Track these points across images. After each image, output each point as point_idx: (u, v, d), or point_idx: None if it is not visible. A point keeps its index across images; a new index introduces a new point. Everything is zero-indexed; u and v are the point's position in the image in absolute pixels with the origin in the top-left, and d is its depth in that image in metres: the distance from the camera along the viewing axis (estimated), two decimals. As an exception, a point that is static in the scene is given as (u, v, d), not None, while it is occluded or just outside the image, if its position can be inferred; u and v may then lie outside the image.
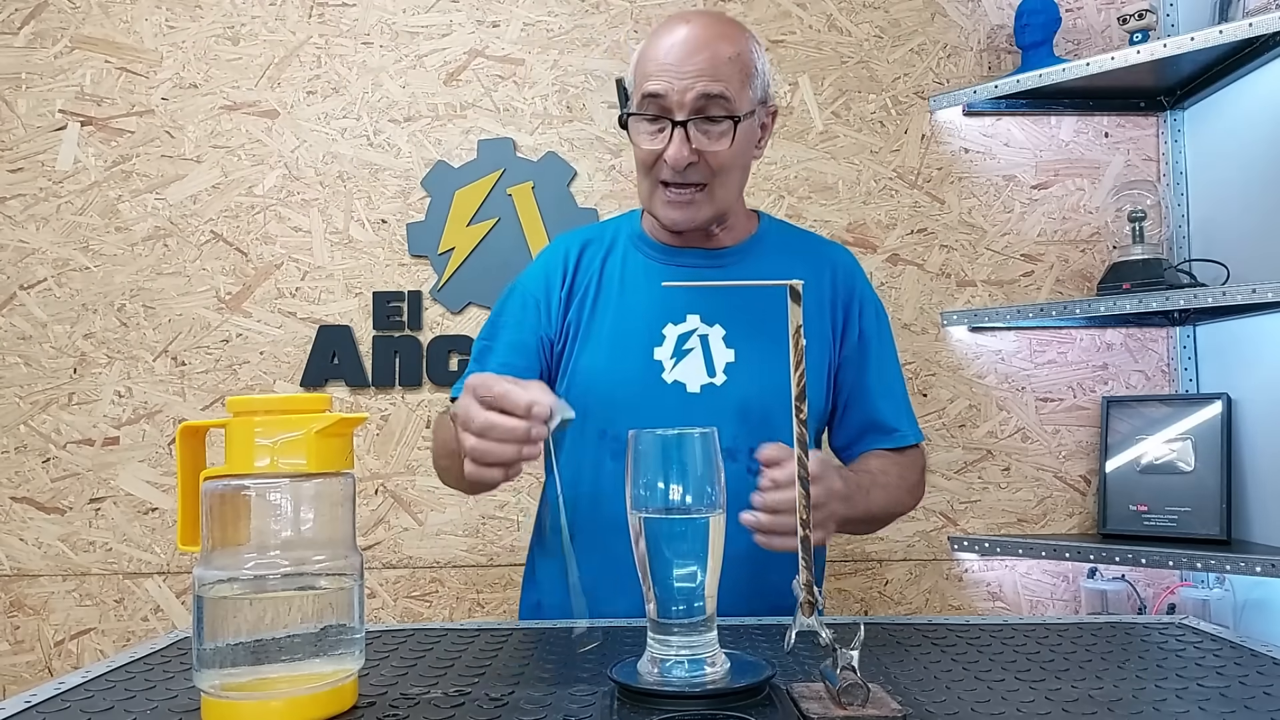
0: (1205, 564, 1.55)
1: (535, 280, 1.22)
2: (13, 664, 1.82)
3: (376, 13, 1.91)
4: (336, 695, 0.67)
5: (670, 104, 1.06)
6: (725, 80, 1.06)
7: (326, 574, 0.67)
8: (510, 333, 1.20)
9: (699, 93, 1.05)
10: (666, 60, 1.07)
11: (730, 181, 1.13)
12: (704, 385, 1.11)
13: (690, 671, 0.69)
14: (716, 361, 1.13)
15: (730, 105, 1.07)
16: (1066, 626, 0.92)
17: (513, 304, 1.22)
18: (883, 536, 1.87)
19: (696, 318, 1.15)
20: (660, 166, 1.09)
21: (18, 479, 1.84)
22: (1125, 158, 1.92)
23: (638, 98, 1.09)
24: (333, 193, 1.89)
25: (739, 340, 1.14)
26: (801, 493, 0.70)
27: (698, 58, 1.06)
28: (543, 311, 1.19)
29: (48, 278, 1.86)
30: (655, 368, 1.13)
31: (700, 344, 1.14)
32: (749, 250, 1.21)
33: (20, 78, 1.88)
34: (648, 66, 1.09)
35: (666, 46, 1.07)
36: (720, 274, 1.18)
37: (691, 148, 1.07)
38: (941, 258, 1.91)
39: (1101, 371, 1.90)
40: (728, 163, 1.10)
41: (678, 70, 1.06)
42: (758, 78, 1.11)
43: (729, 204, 1.16)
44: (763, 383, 1.11)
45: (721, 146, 1.08)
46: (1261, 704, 0.67)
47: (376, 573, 1.84)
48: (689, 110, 1.06)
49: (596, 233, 1.25)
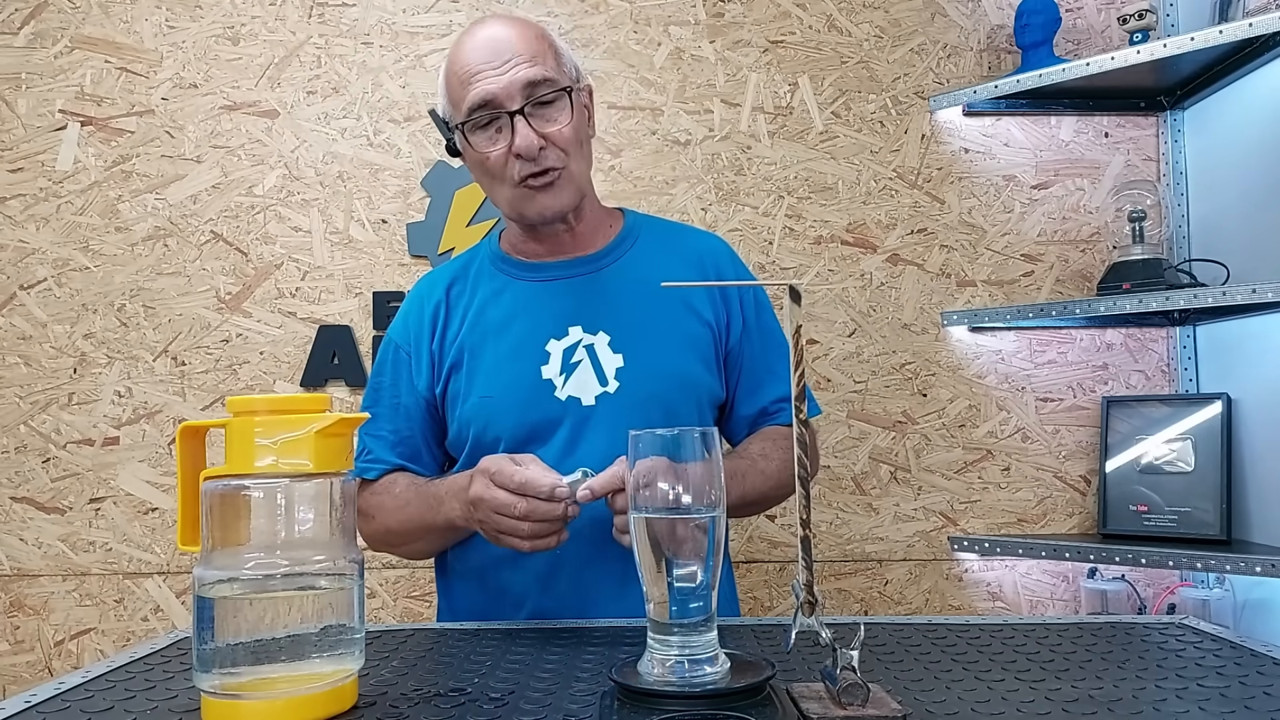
0: (1205, 564, 1.55)
1: (403, 334, 1.20)
2: (13, 664, 1.82)
3: (376, 13, 1.91)
4: (336, 695, 0.67)
5: (500, 101, 1.06)
6: (540, 60, 1.07)
7: (326, 574, 0.67)
8: (389, 397, 1.18)
9: (523, 80, 1.05)
10: (478, 63, 1.07)
11: (581, 158, 1.13)
12: (599, 395, 1.09)
13: (690, 671, 0.69)
14: (607, 369, 1.11)
15: (555, 82, 1.07)
16: (1066, 626, 0.92)
17: (388, 364, 1.20)
18: (882, 536, 1.87)
19: (578, 329, 1.12)
20: (512, 166, 1.08)
21: (18, 479, 1.84)
22: (1125, 158, 1.92)
23: (464, 111, 1.08)
24: (333, 193, 1.89)
25: (625, 343, 1.12)
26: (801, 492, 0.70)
27: (506, 50, 1.06)
28: (415, 366, 1.17)
29: (48, 278, 1.86)
30: (546, 387, 1.10)
31: (587, 354, 1.11)
32: (618, 249, 1.19)
33: (20, 78, 1.88)
34: (464, 76, 1.08)
35: (472, 53, 1.08)
36: (597, 278, 1.16)
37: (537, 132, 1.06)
38: (941, 258, 1.91)
39: (1101, 371, 1.90)
40: (572, 138, 1.09)
41: (495, 67, 1.06)
42: (565, 56, 1.13)
43: (586, 182, 1.15)
44: (657, 377, 1.11)
45: (563, 123, 1.08)
46: (1261, 704, 0.67)
47: (376, 573, 1.83)
48: (520, 99, 1.06)
49: (460, 267, 1.23)
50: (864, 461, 1.88)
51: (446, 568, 1.20)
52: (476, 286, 1.19)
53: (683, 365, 1.13)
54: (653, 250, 1.20)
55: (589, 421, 1.09)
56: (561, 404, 1.09)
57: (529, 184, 1.09)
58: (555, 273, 1.17)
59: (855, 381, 1.89)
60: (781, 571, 1.86)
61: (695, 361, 1.14)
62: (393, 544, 1.16)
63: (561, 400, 1.09)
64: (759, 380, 1.19)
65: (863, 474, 1.88)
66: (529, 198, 1.10)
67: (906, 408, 1.89)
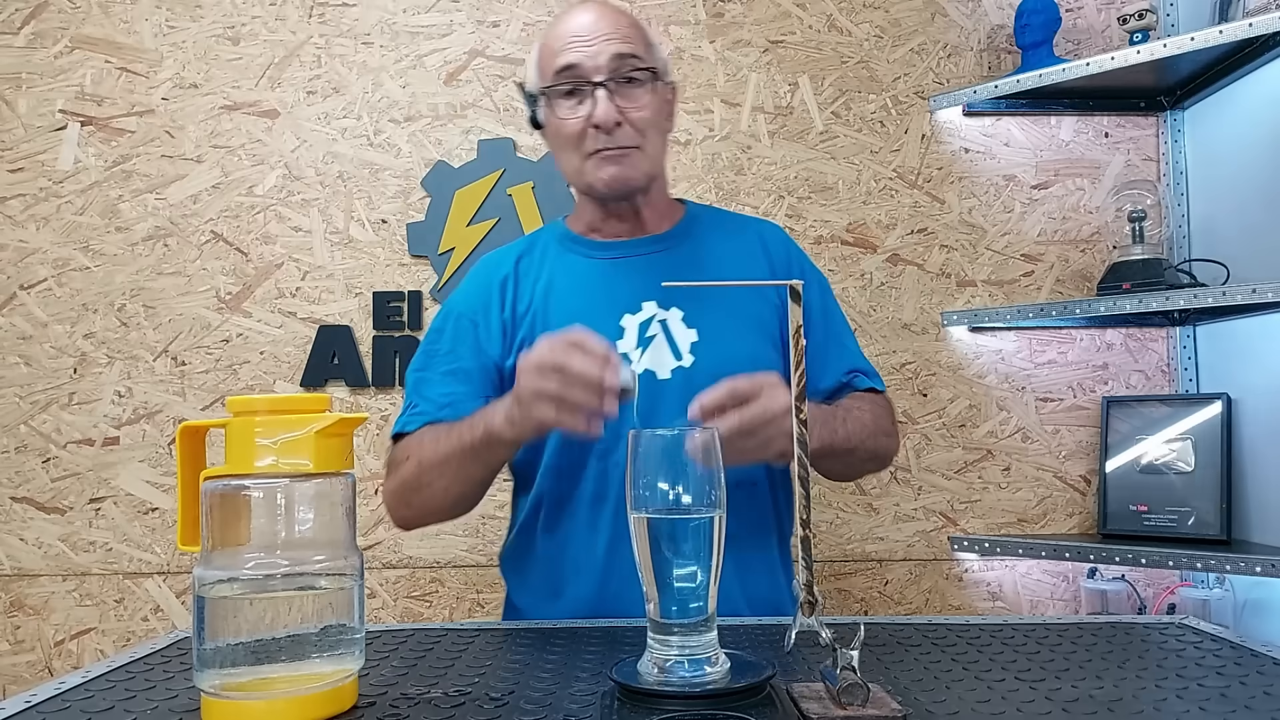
0: (1205, 564, 1.55)
1: (470, 303, 1.20)
2: (13, 664, 1.82)
3: (376, 13, 1.91)
4: (336, 695, 0.67)
5: (586, 70, 1.09)
6: (632, 41, 1.10)
7: (326, 574, 0.67)
8: (446, 360, 1.17)
9: (612, 53, 1.08)
10: (572, 35, 1.10)
11: (656, 142, 1.15)
12: (673, 369, 1.11)
13: (690, 671, 0.69)
14: (681, 344, 1.12)
15: (642, 62, 1.11)
16: (1066, 626, 0.91)
17: (447, 330, 1.19)
18: (882, 536, 1.87)
19: (653, 304, 1.14)
20: (587, 136, 1.10)
21: (18, 479, 1.84)
22: (1125, 158, 1.92)
23: (550, 77, 1.11)
24: (333, 193, 1.89)
25: (699, 318, 1.13)
26: (801, 492, 0.70)
27: (602, 25, 1.10)
28: (482, 333, 1.17)
29: (48, 278, 1.86)
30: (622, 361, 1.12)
31: (661, 329, 1.13)
32: (684, 233, 1.22)
33: (20, 78, 1.88)
34: (556, 47, 1.11)
35: (570, 27, 1.11)
36: (661, 258, 1.18)
37: (617, 106, 1.08)
38: (941, 258, 1.91)
39: (1101, 371, 1.90)
40: (650, 120, 1.12)
41: (586, 39, 1.09)
42: (656, 49, 1.16)
43: (659, 167, 1.17)
44: (731, 354, 1.11)
45: (643, 102, 1.11)
46: (1261, 704, 0.67)
47: (376, 573, 1.84)
48: (606, 71, 1.08)
49: (526, 245, 1.24)
50: (864, 461, 1.88)
51: (514, 559, 1.20)
52: (544, 262, 1.20)
53: (754, 343, 1.14)
54: (718, 234, 1.23)
55: (662, 395, 1.09)
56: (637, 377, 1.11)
57: (601, 154, 1.11)
58: (626, 250, 1.19)
59: (855, 381, 1.89)
60: (781, 571, 1.86)
61: (764, 341, 1.16)
62: (421, 486, 1.09)
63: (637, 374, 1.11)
64: (826, 358, 1.19)
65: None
66: (597, 167, 1.12)
67: (906, 408, 1.89)
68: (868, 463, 1.17)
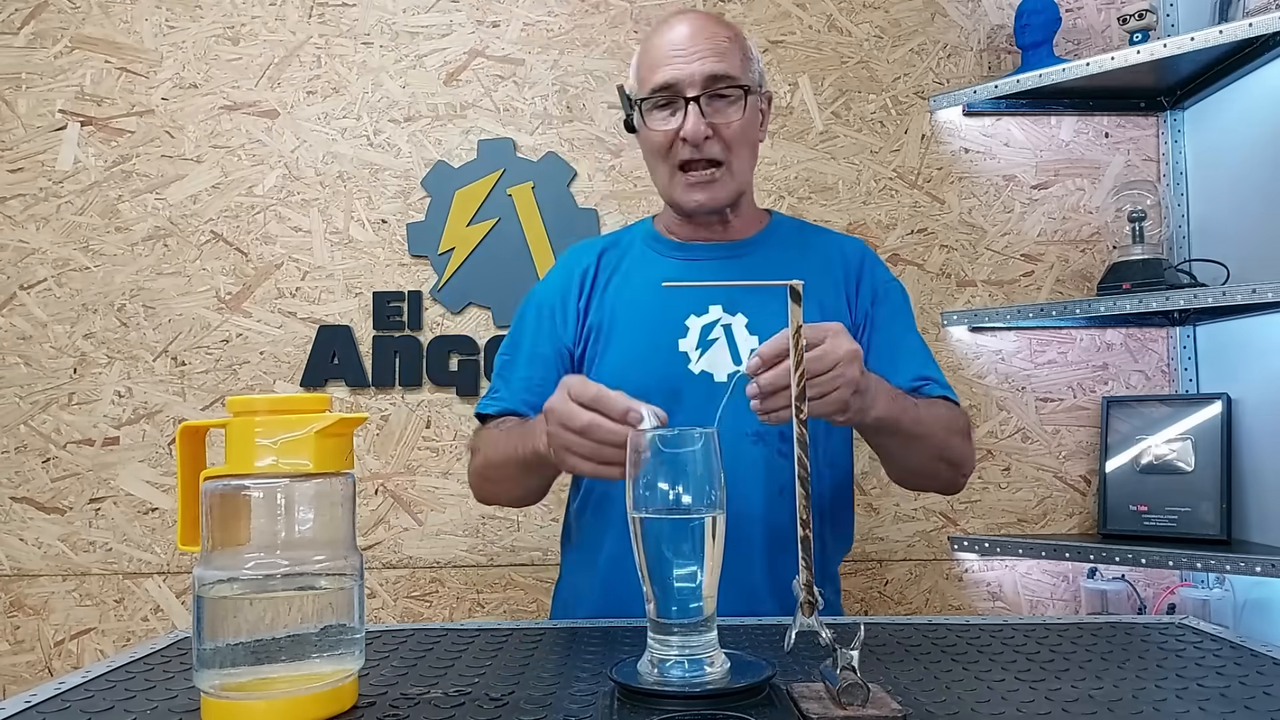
0: (1205, 564, 1.55)
1: (551, 290, 1.26)
2: (13, 664, 1.82)
3: (376, 13, 1.91)
4: (336, 695, 0.67)
5: (681, 87, 1.12)
6: (728, 59, 1.13)
7: (326, 574, 0.67)
8: (528, 345, 1.23)
9: (707, 72, 1.12)
10: (672, 50, 1.13)
11: (745, 156, 1.18)
12: (730, 373, 1.13)
13: (690, 671, 0.69)
14: (742, 349, 1.15)
15: (736, 80, 1.13)
16: (1066, 626, 0.91)
17: (529, 316, 1.26)
18: (882, 536, 1.87)
19: (719, 308, 1.17)
20: (677, 148, 1.14)
21: (18, 479, 1.84)
22: (1125, 158, 1.92)
23: (647, 90, 1.15)
24: (333, 193, 1.89)
25: (763, 327, 1.15)
26: (802, 493, 0.70)
27: (700, 42, 1.13)
28: (559, 320, 1.22)
29: (48, 278, 1.86)
30: (681, 359, 1.15)
31: (724, 334, 1.16)
32: (762, 242, 1.24)
33: (20, 78, 1.88)
34: (654, 59, 1.14)
35: (669, 39, 1.14)
36: (735, 264, 1.21)
37: (706, 121, 1.11)
38: (941, 258, 1.91)
39: (1101, 371, 1.90)
40: (740, 135, 1.15)
41: (684, 56, 1.12)
42: (754, 63, 1.19)
43: (746, 182, 1.21)
44: None
45: (734, 118, 1.13)
46: (1261, 704, 0.67)
47: (376, 573, 1.83)
48: (699, 88, 1.12)
49: (612, 239, 1.30)
50: (864, 461, 1.88)
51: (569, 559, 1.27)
52: (625, 257, 1.25)
53: None
54: (795, 245, 1.26)
55: (718, 398, 1.08)
56: (694, 377, 1.14)
57: (689, 174, 1.15)
58: (702, 253, 1.22)
59: (855, 381, 1.88)
60: (781, 571, 1.86)
61: None
62: (488, 479, 1.17)
63: (694, 373, 1.14)
64: (895, 360, 1.17)
65: (863, 474, 1.88)
66: (684, 188, 1.16)
67: (906, 408, 1.89)
68: (939, 462, 1.12)
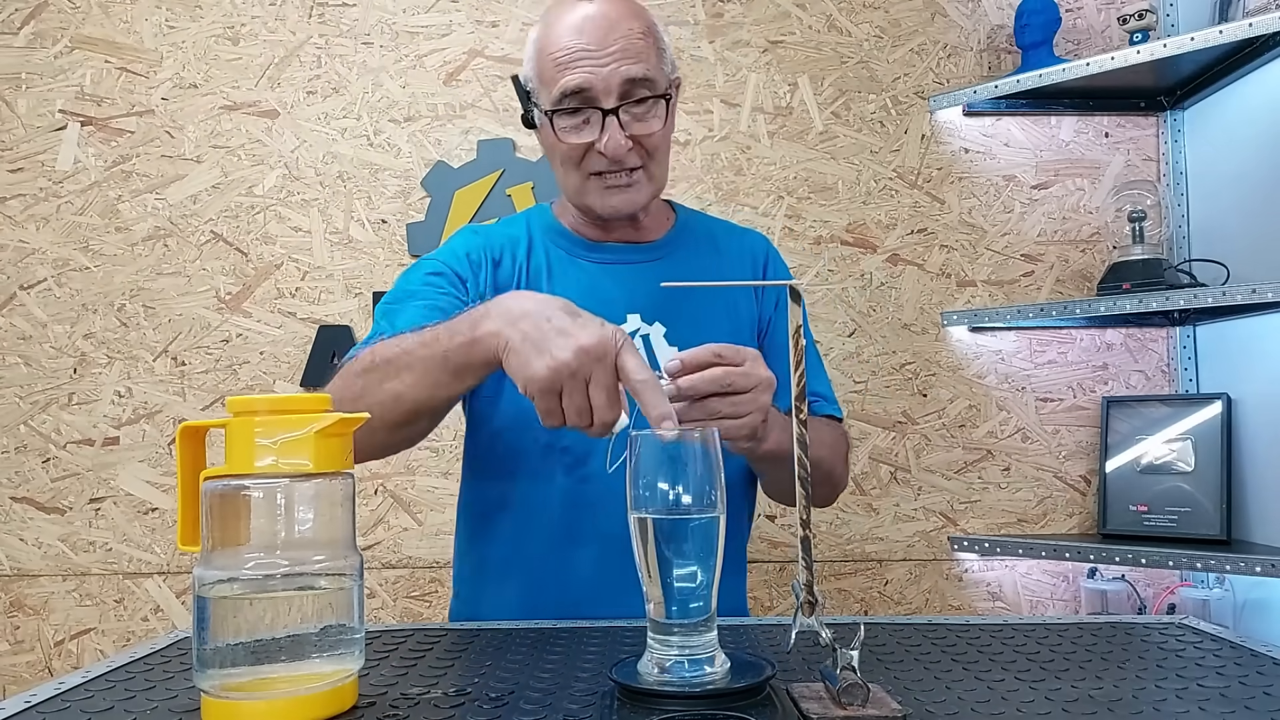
0: (1205, 564, 1.55)
1: (451, 257, 1.11)
2: (13, 664, 1.82)
3: (376, 13, 1.91)
4: (336, 695, 0.67)
5: (596, 94, 1.01)
6: (645, 58, 1.02)
7: (326, 574, 0.67)
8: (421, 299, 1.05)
9: (624, 77, 1.00)
10: (578, 46, 1.00)
11: (663, 159, 1.10)
12: None
13: (690, 671, 0.69)
14: (660, 359, 1.07)
15: (654, 85, 1.03)
16: (1066, 626, 0.91)
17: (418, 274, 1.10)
18: (882, 537, 1.87)
19: (636, 317, 1.10)
20: (591, 158, 1.05)
21: (18, 479, 1.84)
22: (1125, 158, 1.92)
23: (555, 94, 1.02)
24: (333, 193, 1.89)
25: (681, 336, 1.10)
26: (802, 493, 0.70)
27: (613, 39, 1.00)
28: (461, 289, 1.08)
29: (48, 278, 1.86)
30: None
31: (643, 344, 1.09)
32: (676, 243, 1.19)
33: (20, 78, 1.88)
34: (559, 56, 1.01)
35: (573, 30, 1.01)
36: (655, 266, 1.14)
37: (626, 134, 1.02)
38: (941, 258, 1.91)
39: (1101, 371, 1.90)
40: (661, 143, 1.07)
41: (595, 57, 1.00)
42: (667, 52, 1.08)
43: (664, 184, 1.13)
44: None
45: (655, 128, 1.04)
46: (1261, 704, 0.67)
47: (376, 573, 1.83)
48: (616, 97, 1.01)
49: (510, 232, 1.16)
50: (864, 462, 1.88)
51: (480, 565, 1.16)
52: (532, 251, 1.14)
53: None
54: (706, 246, 1.20)
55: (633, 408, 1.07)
56: None
57: (606, 180, 1.06)
58: (616, 256, 1.14)
59: (855, 382, 1.89)
60: (781, 571, 1.86)
61: None
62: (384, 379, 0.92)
63: None
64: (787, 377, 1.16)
65: (863, 474, 1.88)
66: (600, 194, 1.07)
67: (906, 408, 1.89)
68: (822, 485, 1.11)
